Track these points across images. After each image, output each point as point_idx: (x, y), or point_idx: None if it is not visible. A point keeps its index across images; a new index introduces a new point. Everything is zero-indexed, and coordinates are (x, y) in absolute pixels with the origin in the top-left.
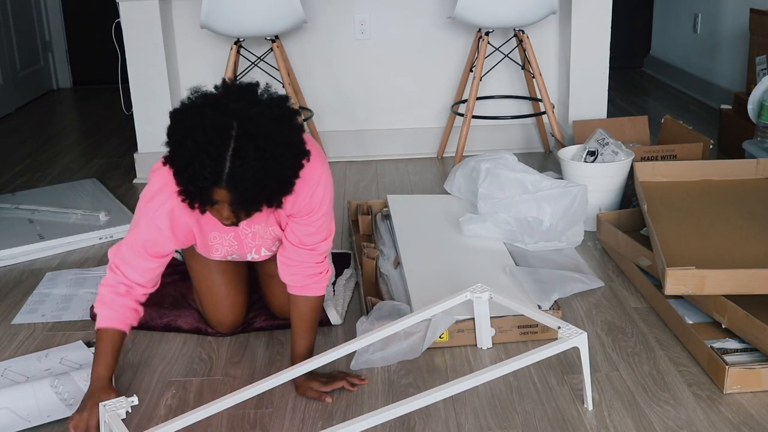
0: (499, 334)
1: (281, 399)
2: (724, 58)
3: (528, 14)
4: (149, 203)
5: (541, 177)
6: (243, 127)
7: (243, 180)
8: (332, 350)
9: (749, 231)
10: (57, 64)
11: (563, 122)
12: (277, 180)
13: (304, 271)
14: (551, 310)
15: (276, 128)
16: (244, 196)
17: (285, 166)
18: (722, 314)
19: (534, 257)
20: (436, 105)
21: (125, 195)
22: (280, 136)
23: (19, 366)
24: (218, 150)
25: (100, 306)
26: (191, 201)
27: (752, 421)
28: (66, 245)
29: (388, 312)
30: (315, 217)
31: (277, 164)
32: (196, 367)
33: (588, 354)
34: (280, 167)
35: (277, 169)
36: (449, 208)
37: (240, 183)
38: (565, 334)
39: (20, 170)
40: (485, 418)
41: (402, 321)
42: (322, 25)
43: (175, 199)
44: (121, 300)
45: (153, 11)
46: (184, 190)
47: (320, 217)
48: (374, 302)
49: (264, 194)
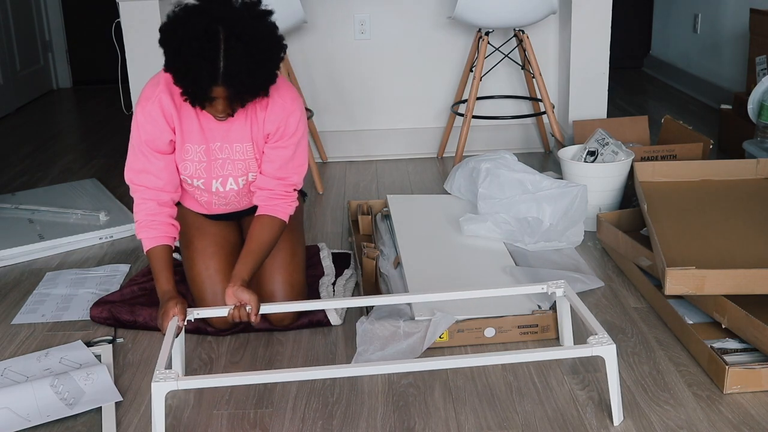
0: (498, 334)
1: (281, 399)
2: (724, 58)
3: (528, 14)
4: (146, 102)
5: (541, 177)
6: (228, 29)
7: (237, 75)
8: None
9: (749, 231)
10: (57, 64)
11: (563, 122)
12: (265, 69)
13: (271, 195)
14: (551, 311)
15: (256, 25)
16: (239, 88)
17: (270, 56)
18: (722, 314)
19: (534, 257)
20: (436, 105)
21: (125, 195)
22: (261, 31)
23: (18, 366)
24: (211, 53)
25: (141, 230)
26: (192, 101)
27: (752, 421)
28: (66, 245)
29: (388, 312)
30: (292, 140)
31: (263, 56)
32: (196, 367)
33: (617, 367)
34: (266, 58)
35: (263, 60)
36: (449, 208)
37: (234, 78)
38: (594, 341)
39: (20, 170)
40: (485, 418)
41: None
42: (322, 25)
43: (165, 96)
44: (156, 218)
45: (153, 11)
46: (185, 91)
47: (296, 143)
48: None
49: (255, 84)
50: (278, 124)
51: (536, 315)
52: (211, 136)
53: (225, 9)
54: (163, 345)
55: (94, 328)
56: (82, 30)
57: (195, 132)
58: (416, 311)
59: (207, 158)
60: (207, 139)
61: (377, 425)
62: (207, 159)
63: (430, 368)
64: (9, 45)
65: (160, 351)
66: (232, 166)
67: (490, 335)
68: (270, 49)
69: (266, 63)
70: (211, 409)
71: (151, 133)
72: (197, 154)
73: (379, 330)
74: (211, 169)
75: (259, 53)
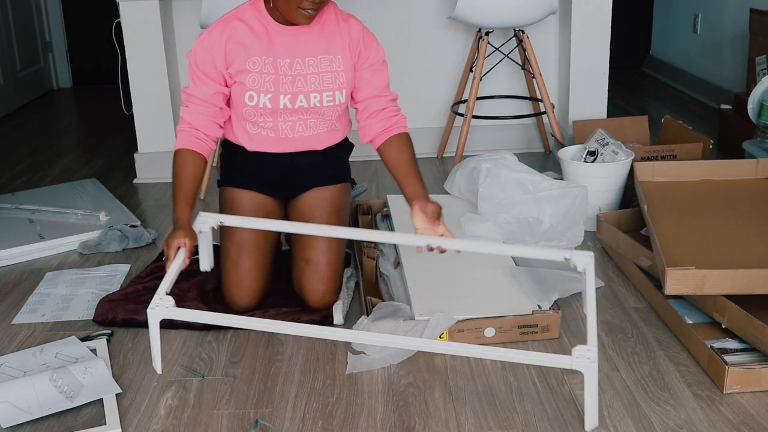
0: (498, 334)
1: (281, 399)
2: (724, 58)
3: (528, 14)
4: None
5: (542, 177)
6: None
7: None
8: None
9: (749, 231)
10: (57, 64)
11: (563, 122)
12: None
13: (386, 115)
14: (551, 310)
15: None
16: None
17: None
18: (722, 314)
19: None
20: (436, 105)
21: (125, 195)
22: None
23: (14, 362)
24: None
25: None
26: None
27: (752, 421)
28: (66, 245)
29: (389, 313)
30: (383, 65)
31: None
32: (196, 367)
33: (596, 382)
34: None
35: None
36: (449, 208)
37: None
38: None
39: (20, 170)
40: (485, 418)
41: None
42: None
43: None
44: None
45: (153, 11)
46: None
47: (386, 66)
48: (374, 302)
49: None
50: (372, 50)
51: (536, 315)
52: (281, 52)
53: None
54: (167, 272)
55: (94, 328)
56: (82, 30)
57: (262, 45)
58: (416, 311)
59: (275, 71)
60: (275, 54)
61: (377, 425)
62: (275, 72)
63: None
64: (9, 45)
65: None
66: (304, 82)
67: (490, 335)
68: None
69: None
70: (211, 409)
71: (203, 58)
72: (265, 65)
73: (379, 330)
74: (279, 83)
75: None
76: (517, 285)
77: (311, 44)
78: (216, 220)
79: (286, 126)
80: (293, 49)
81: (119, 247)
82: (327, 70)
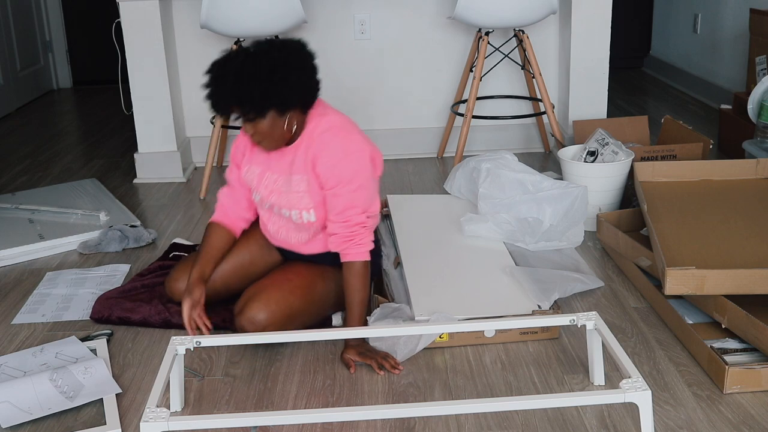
0: (498, 333)
1: (281, 399)
2: (724, 58)
3: (528, 14)
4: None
5: (542, 177)
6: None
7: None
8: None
9: (749, 231)
10: (57, 64)
11: (563, 122)
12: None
13: (338, 239)
14: (551, 310)
15: (273, 53)
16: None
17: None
18: (722, 314)
19: (534, 257)
20: (436, 105)
21: (125, 195)
22: (273, 57)
23: (14, 362)
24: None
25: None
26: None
27: (752, 421)
28: (66, 245)
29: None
30: (346, 188)
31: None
32: (196, 367)
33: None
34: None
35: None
36: (449, 208)
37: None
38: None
39: (20, 170)
40: (485, 418)
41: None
42: (322, 25)
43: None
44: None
45: (153, 11)
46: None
47: (351, 191)
48: (381, 301)
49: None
50: (326, 172)
51: (536, 316)
52: (259, 162)
53: (259, 45)
54: (157, 378)
55: (94, 328)
56: (82, 30)
57: (255, 152)
58: (416, 311)
59: (258, 180)
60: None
61: (377, 425)
62: (258, 181)
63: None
64: (9, 45)
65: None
66: (277, 197)
67: (490, 335)
68: (272, 71)
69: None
70: (211, 409)
71: (234, 152)
72: (256, 174)
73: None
74: (262, 191)
75: (253, 67)
76: (517, 285)
77: (278, 162)
78: (192, 342)
79: (274, 227)
80: (266, 163)
81: (119, 247)
82: (293, 190)
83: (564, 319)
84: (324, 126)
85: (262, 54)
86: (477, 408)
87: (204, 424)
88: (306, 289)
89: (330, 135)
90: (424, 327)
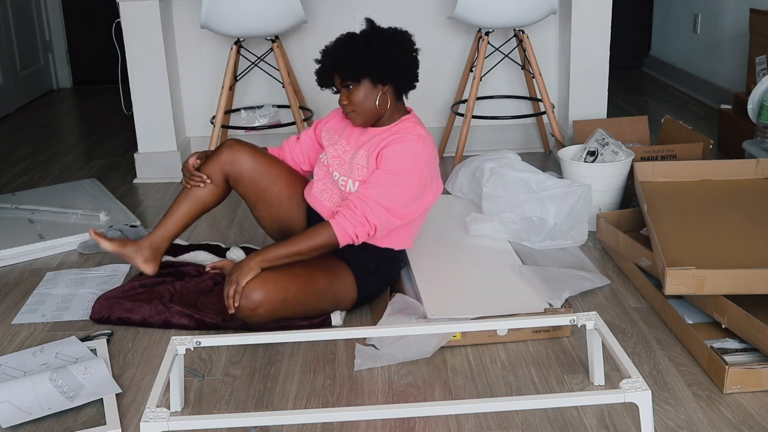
0: (511, 332)
1: (281, 399)
2: (724, 58)
3: (528, 14)
4: None
5: (546, 176)
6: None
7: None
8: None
9: (749, 231)
10: (57, 64)
11: (563, 122)
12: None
13: (343, 204)
14: (563, 308)
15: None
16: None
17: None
18: (722, 314)
19: (540, 256)
20: (436, 105)
21: (125, 195)
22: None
23: (14, 362)
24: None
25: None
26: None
27: (752, 421)
28: (66, 245)
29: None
30: (389, 168)
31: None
32: (196, 367)
33: (651, 415)
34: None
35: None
36: (451, 207)
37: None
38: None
39: (20, 170)
40: (485, 418)
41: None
42: (322, 25)
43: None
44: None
45: (153, 11)
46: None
47: (392, 173)
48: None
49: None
50: (383, 154)
51: (539, 315)
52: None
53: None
54: (157, 378)
55: (94, 328)
56: (82, 30)
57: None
58: (429, 311)
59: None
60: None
61: (377, 425)
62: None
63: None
64: (9, 45)
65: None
66: (340, 164)
67: (503, 333)
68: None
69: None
70: (211, 409)
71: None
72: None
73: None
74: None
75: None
76: (526, 283)
77: (356, 139)
78: (192, 342)
79: (320, 185)
80: (347, 136)
81: None
82: (354, 161)
83: (564, 319)
84: (411, 131)
85: (369, 31)
86: (477, 408)
87: (204, 424)
88: (306, 279)
89: (411, 138)
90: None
